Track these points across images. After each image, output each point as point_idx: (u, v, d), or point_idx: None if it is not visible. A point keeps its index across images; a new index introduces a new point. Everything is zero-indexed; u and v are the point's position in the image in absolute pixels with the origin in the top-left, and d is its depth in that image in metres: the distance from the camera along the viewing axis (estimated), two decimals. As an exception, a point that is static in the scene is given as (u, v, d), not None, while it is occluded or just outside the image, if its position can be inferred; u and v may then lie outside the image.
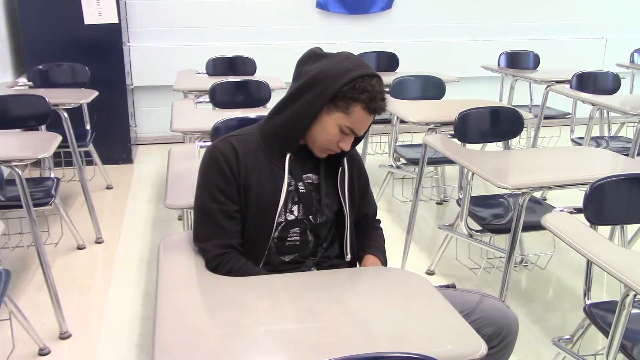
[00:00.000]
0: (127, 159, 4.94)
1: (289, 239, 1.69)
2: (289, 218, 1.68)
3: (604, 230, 2.27)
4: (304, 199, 1.67)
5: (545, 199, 3.84)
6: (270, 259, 1.69)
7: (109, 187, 4.39)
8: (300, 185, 1.68)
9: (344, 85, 1.56)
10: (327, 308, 1.42)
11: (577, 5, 6.07)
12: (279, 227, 1.67)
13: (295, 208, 1.68)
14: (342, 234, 1.76)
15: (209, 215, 1.63)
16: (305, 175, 1.70)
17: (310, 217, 1.68)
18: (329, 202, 1.72)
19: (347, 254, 1.75)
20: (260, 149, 1.66)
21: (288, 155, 1.65)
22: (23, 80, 4.29)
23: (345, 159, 1.74)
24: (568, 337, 2.34)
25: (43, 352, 2.46)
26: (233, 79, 3.69)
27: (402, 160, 3.76)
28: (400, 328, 1.34)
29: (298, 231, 1.69)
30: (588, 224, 2.00)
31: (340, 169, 1.73)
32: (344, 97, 1.57)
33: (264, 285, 1.52)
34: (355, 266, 1.80)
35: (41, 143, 2.65)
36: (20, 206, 2.52)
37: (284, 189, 1.64)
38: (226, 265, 1.60)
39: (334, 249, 1.77)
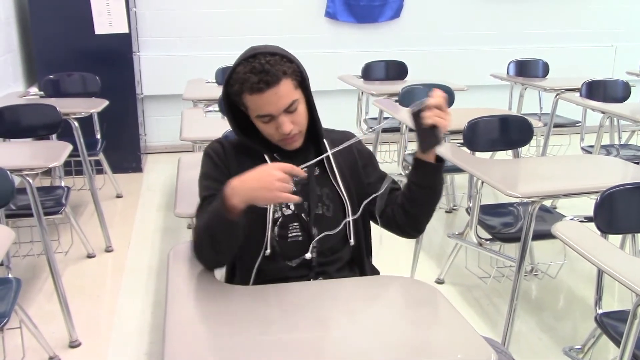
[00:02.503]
0: (136, 167, 4.96)
1: (290, 235, 1.68)
2: (286, 213, 1.68)
3: (615, 239, 2.26)
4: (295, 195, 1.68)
5: (556, 208, 3.82)
6: (277, 265, 1.67)
7: (118, 196, 4.41)
8: (291, 184, 1.68)
9: (225, 88, 1.62)
10: (337, 317, 1.41)
11: (587, 13, 6.06)
12: (277, 224, 1.67)
13: (291, 202, 1.68)
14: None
15: (201, 202, 1.67)
16: None
17: (303, 214, 1.68)
18: (328, 192, 1.71)
19: (350, 239, 1.74)
20: (248, 150, 1.71)
21: (266, 156, 1.69)
22: (34, 89, 4.33)
23: (326, 142, 1.72)
24: (579, 346, 2.33)
25: (53, 360, 2.48)
26: (242, 88, 3.70)
27: (411, 169, 3.75)
28: (410, 337, 1.34)
29: (297, 226, 1.68)
30: (599, 232, 1.99)
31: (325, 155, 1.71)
32: (233, 98, 1.61)
33: (273, 295, 1.51)
34: (361, 253, 1.76)
35: (52, 152, 2.67)
36: (31, 215, 2.54)
37: None
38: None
39: (342, 242, 1.75)
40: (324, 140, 1.73)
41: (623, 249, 2.57)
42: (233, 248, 1.58)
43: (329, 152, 1.69)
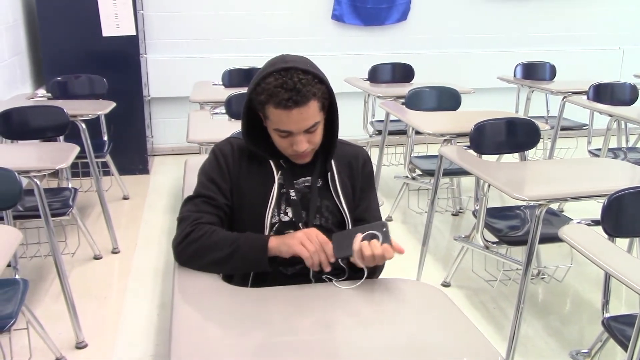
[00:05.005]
0: (143, 169, 4.97)
1: None
2: (284, 219, 1.69)
3: (622, 242, 2.25)
4: (294, 204, 1.69)
5: (562, 211, 3.80)
6: (274, 269, 1.67)
7: (125, 198, 4.42)
8: (292, 192, 1.70)
9: (250, 93, 1.61)
10: (342, 320, 1.41)
11: (594, 16, 6.04)
12: (274, 228, 1.69)
13: (289, 210, 1.70)
14: None
15: (197, 197, 1.70)
16: (299, 180, 1.71)
17: (300, 223, 1.69)
18: (328, 204, 1.72)
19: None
20: (255, 155, 1.72)
21: (272, 162, 1.70)
22: (42, 91, 4.35)
23: (332, 160, 1.74)
24: (586, 350, 2.32)
25: (59, 361, 2.48)
26: (249, 90, 3.70)
27: (418, 172, 3.76)
28: (416, 340, 1.34)
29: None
30: (606, 236, 1.98)
31: (330, 171, 1.74)
32: (255, 105, 1.61)
33: (278, 297, 1.52)
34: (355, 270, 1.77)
35: (59, 154, 2.68)
36: (39, 216, 2.55)
37: (273, 191, 1.67)
38: (201, 230, 1.62)
39: None
40: (332, 160, 1.74)
41: (630, 252, 2.56)
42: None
43: None
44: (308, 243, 1.53)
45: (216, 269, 1.61)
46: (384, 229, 1.53)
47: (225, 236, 1.61)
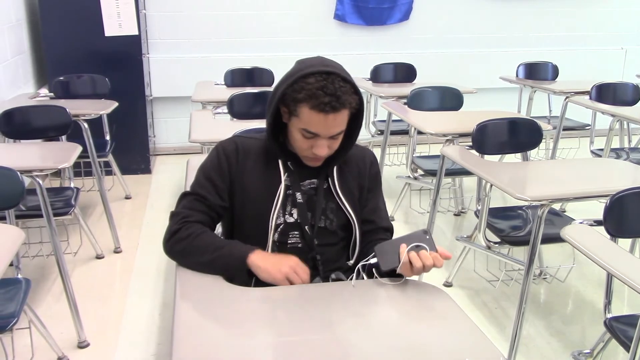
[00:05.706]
0: (145, 169, 4.98)
1: (290, 242, 1.70)
2: (289, 220, 1.69)
3: (625, 242, 2.25)
4: (300, 206, 1.69)
5: (565, 211, 3.80)
6: None
7: (127, 197, 4.43)
8: (298, 195, 1.70)
9: (286, 88, 1.58)
10: (345, 320, 1.41)
11: (597, 16, 6.04)
12: (278, 229, 1.69)
13: (295, 211, 1.70)
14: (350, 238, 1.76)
15: (191, 195, 1.72)
16: (306, 182, 1.71)
17: (306, 226, 1.69)
18: (333, 206, 1.72)
19: (351, 258, 1.74)
20: (262, 153, 1.72)
21: (281, 162, 1.70)
22: (44, 91, 4.35)
23: (335, 170, 1.74)
24: (588, 351, 2.32)
25: (61, 360, 2.48)
26: (251, 90, 3.71)
27: (420, 172, 3.75)
28: (418, 340, 1.34)
29: (298, 235, 1.70)
30: (608, 236, 1.98)
31: (335, 171, 1.74)
32: (288, 100, 1.58)
33: (281, 296, 1.52)
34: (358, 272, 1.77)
35: (62, 153, 2.68)
36: (41, 215, 2.55)
37: (279, 193, 1.67)
38: (188, 230, 1.64)
39: (341, 253, 1.77)
40: (334, 167, 1.74)
41: (633, 253, 2.56)
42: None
43: None
44: (294, 280, 1.56)
45: (200, 270, 1.63)
46: (428, 237, 1.52)
47: (210, 242, 1.63)
